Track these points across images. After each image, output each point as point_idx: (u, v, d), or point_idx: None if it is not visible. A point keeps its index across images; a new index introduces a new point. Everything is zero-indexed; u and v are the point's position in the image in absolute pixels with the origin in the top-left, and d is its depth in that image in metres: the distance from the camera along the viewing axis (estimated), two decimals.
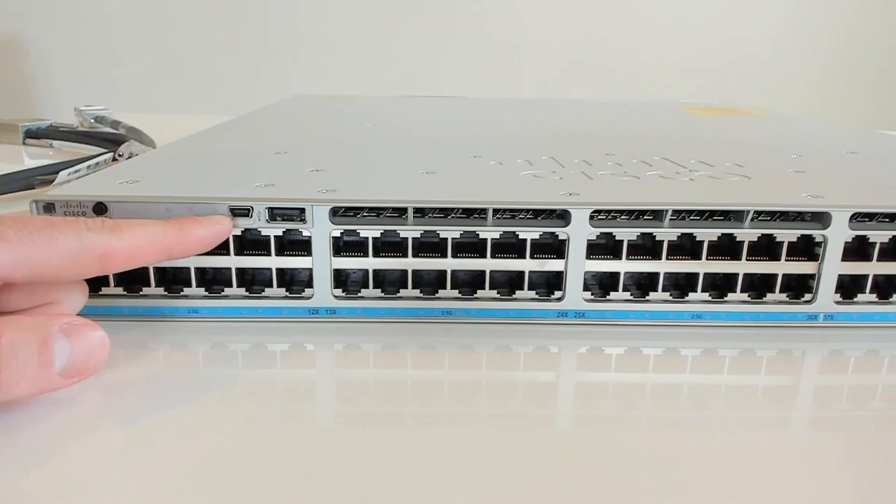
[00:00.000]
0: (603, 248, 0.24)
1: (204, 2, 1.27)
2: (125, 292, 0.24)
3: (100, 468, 0.16)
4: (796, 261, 0.24)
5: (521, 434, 0.18)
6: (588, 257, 0.23)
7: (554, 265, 0.24)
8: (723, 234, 0.24)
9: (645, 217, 0.24)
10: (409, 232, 0.23)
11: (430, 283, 0.24)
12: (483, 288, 0.24)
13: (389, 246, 0.24)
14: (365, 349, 0.23)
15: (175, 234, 0.21)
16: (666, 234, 0.24)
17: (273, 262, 0.23)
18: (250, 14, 1.27)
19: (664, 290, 0.24)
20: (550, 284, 0.24)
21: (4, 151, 0.54)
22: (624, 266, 0.24)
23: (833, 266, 0.24)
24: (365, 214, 0.23)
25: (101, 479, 0.15)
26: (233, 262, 0.23)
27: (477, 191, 0.25)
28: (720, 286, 0.25)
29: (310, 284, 0.24)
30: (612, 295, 0.24)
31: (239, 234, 0.23)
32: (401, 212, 0.23)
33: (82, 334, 0.18)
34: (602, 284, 0.25)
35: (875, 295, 0.24)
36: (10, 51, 1.28)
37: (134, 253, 0.20)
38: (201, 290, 0.24)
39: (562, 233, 0.23)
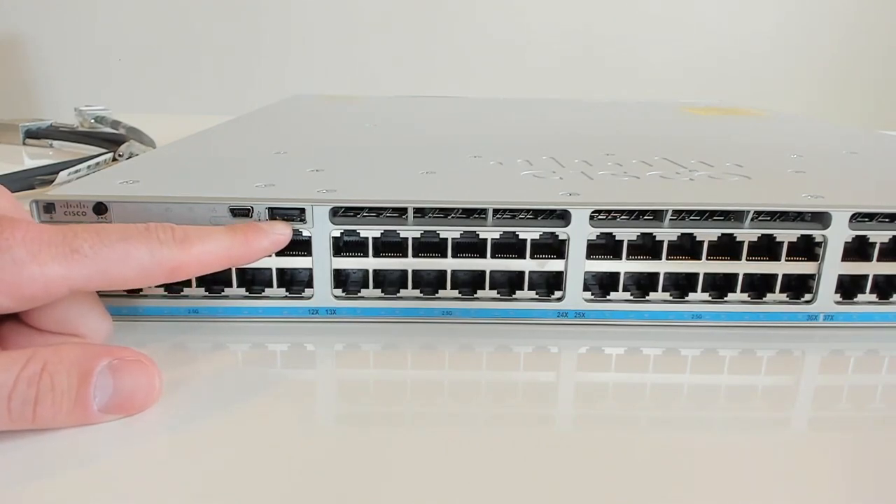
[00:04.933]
0: (603, 248, 0.24)
1: (204, 2, 1.26)
2: (125, 292, 0.24)
3: (98, 467, 0.16)
4: (796, 261, 0.24)
5: (521, 434, 0.18)
6: (588, 257, 0.23)
7: (554, 265, 0.24)
8: (723, 234, 0.24)
9: (645, 217, 0.24)
10: (409, 232, 0.23)
11: (430, 283, 0.24)
12: (483, 288, 0.24)
13: (389, 246, 0.24)
14: (365, 349, 0.23)
15: (241, 247, 0.21)
16: (666, 234, 0.24)
17: (273, 262, 0.23)
18: (250, 14, 1.27)
19: (664, 290, 0.24)
20: (550, 284, 0.24)
21: (4, 151, 0.54)
22: (624, 266, 0.24)
23: (833, 266, 0.24)
24: (365, 214, 0.23)
25: (100, 480, 0.15)
26: None
27: (477, 191, 0.25)
28: (720, 286, 0.25)
29: (310, 284, 0.24)
30: (612, 295, 0.24)
31: None
32: (401, 212, 0.23)
33: (130, 374, 0.18)
34: (602, 284, 0.25)
35: (875, 295, 0.24)
36: (10, 51, 1.28)
37: (202, 265, 0.20)
38: (201, 290, 0.24)
39: (562, 233, 0.23)
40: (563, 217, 0.23)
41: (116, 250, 0.18)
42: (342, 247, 0.24)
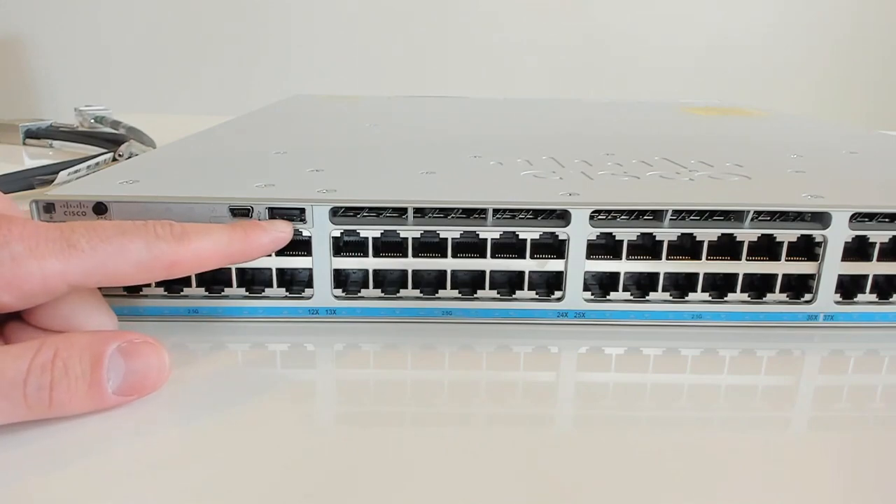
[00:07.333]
0: (603, 248, 0.24)
1: (204, 2, 1.27)
2: (125, 292, 0.24)
3: (97, 467, 0.16)
4: (796, 261, 0.24)
5: (521, 434, 0.18)
6: (588, 257, 0.23)
7: (554, 265, 0.24)
8: (723, 234, 0.24)
9: (645, 217, 0.24)
10: (409, 232, 0.23)
11: (430, 283, 0.24)
12: (483, 288, 0.24)
13: (389, 246, 0.24)
14: (365, 349, 0.23)
15: (240, 243, 0.21)
16: (666, 234, 0.24)
17: (273, 261, 0.23)
18: (250, 14, 1.27)
19: (664, 290, 0.24)
20: (550, 284, 0.24)
21: (4, 151, 0.54)
22: (624, 266, 0.24)
23: (833, 266, 0.24)
24: (365, 214, 0.23)
25: (98, 480, 0.15)
26: None
27: (477, 191, 0.25)
28: (720, 286, 0.25)
29: (310, 284, 0.24)
30: (612, 295, 0.24)
31: None
32: (401, 212, 0.23)
33: (140, 355, 0.18)
34: (602, 284, 0.25)
35: (875, 295, 0.24)
36: (10, 51, 1.28)
37: (200, 261, 0.20)
38: (201, 290, 0.24)
39: (562, 233, 0.23)
40: (563, 217, 0.23)
41: (113, 245, 0.18)
42: (342, 247, 0.24)
